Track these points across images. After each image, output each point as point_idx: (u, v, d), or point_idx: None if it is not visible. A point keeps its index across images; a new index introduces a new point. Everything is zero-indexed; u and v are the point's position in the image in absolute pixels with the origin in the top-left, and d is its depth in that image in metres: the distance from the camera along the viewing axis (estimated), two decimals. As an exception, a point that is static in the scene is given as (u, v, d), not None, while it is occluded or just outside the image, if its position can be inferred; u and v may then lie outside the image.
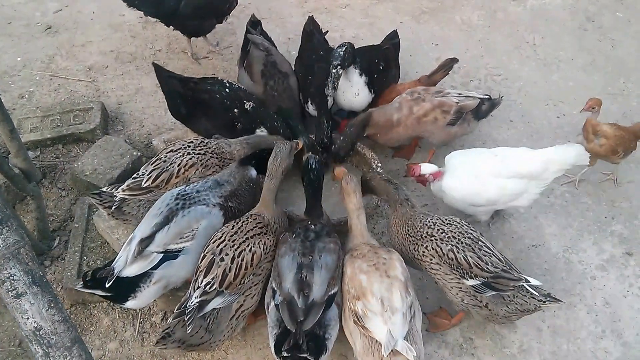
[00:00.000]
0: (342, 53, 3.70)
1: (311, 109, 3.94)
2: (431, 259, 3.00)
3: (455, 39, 4.98)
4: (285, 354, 2.64)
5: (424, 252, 3.02)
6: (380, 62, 4.04)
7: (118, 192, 3.18)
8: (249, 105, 3.71)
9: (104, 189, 3.27)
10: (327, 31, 4.55)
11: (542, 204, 3.83)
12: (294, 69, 4.13)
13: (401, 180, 3.91)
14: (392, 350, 2.62)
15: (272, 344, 2.76)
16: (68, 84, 4.60)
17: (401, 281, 2.80)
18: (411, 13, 5.22)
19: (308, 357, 2.63)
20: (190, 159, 3.27)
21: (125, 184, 3.22)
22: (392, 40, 4.28)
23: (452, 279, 2.98)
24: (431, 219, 3.09)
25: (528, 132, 4.23)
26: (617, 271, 3.52)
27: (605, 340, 3.24)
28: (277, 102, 3.88)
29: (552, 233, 3.70)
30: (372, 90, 3.96)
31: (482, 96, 3.80)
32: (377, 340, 2.67)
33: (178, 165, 3.24)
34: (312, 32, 4.24)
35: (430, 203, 3.82)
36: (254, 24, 4.34)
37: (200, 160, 3.29)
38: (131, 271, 2.83)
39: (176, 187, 3.19)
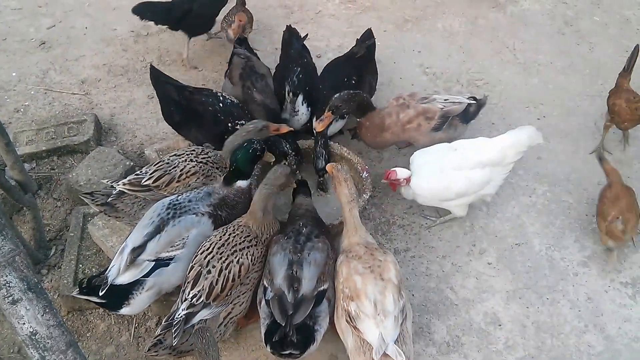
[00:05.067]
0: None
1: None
2: None
3: (437, 46, 5.05)
4: (269, 349, 2.71)
5: None
6: (352, 78, 4.05)
7: (118, 185, 3.21)
8: (240, 125, 3.71)
9: (104, 182, 3.35)
10: (307, 34, 4.63)
11: (524, 203, 3.91)
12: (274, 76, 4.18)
13: (382, 185, 3.99)
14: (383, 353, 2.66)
15: (262, 332, 2.81)
16: (62, 97, 4.67)
17: (394, 284, 2.85)
18: (394, 22, 5.30)
19: (292, 351, 2.69)
20: (193, 166, 3.31)
21: (127, 178, 3.27)
22: (366, 42, 4.28)
23: None
24: None
25: (510, 134, 4.28)
26: (598, 267, 3.57)
27: (589, 334, 3.29)
28: (254, 99, 3.91)
29: (535, 231, 3.76)
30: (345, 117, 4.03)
31: (468, 101, 3.80)
32: (368, 341, 2.72)
33: (181, 170, 3.28)
34: (290, 40, 4.32)
35: (415, 205, 3.87)
36: (241, 41, 4.41)
37: (202, 169, 3.34)
38: (124, 279, 2.88)
39: (176, 190, 3.25)
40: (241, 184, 3.29)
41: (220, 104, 3.78)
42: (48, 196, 3.98)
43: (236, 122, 3.75)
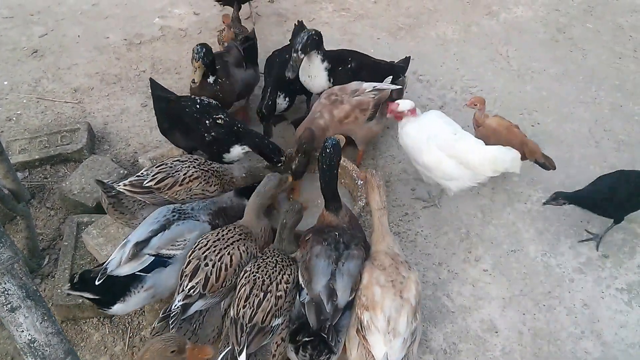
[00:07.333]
0: (304, 39, 3.81)
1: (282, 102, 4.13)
2: None
3: (431, 53, 5.08)
4: (305, 340, 2.71)
5: None
6: (351, 62, 4.09)
7: (119, 186, 3.21)
8: (222, 119, 3.72)
9: (105, 182, 3.29)
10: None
11: (519, 209, 3.92)
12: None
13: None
14: None
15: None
16: (55, 106, 4.66)
17: (412, 305, 2.83)
18: (388, 29, 5.33)
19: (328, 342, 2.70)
20: (196, 171, 3.35)
21: (128, 180, 3.26)
22: (398, 64, 4.33)
23: None
24: None
25: (504, 141, 4.30)
26: (594, 273, 3.58)
27: (585, 340, 3.29)
28: (216, 93, 4.03)
29: (530, 238, 3.77)
30: (331, 80, 4.03)
31: (392, 86, 3.91)
32: (373, 355, 2.72)
33: (184, 175, 3.30)
34: (298, 33, 4.28)
35: (411, 212, 3.91)
36: (247, 39, 4.45)
37: (204, 175, 3.37)
38: (123, 270, 2.88)
39: (177, 194, 3.27)
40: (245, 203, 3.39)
41: (197, 105, 3.78)
42: (41, 205, 3.95)
43: (213, 116, 3.75)
